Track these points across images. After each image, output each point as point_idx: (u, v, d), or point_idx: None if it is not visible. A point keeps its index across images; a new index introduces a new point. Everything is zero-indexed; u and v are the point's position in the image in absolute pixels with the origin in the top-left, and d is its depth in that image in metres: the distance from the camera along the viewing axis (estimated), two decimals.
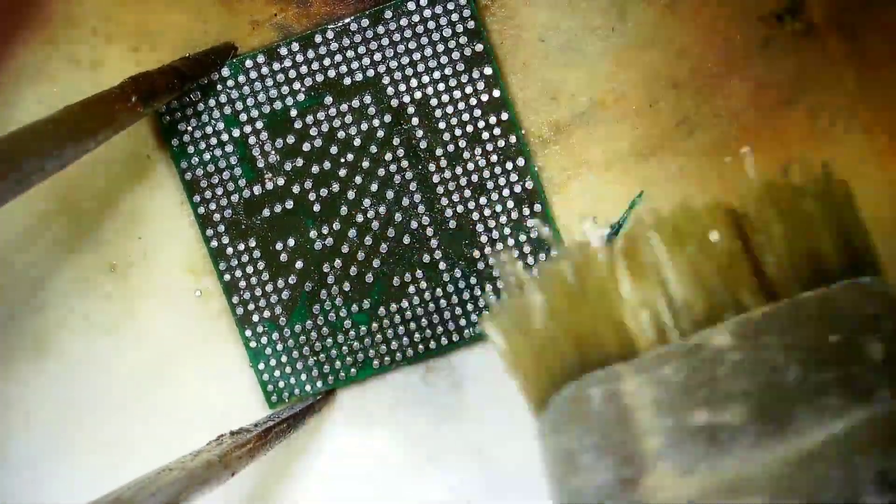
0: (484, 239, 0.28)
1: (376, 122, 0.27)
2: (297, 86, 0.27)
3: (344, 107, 0.27)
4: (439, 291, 0.28)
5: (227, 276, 0.28)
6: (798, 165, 0.20)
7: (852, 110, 0.27)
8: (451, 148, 0.28)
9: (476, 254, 0.28)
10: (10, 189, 0.20)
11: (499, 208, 0.28)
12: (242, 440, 0.25)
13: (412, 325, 0.28)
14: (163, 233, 0.28)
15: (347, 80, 0.27)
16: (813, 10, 0.27)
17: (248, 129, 0.28)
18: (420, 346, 0.28)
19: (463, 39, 0.27)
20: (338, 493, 0.29)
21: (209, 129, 0.28)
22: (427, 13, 0.27)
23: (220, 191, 0.28)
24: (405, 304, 0.28)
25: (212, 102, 0.27)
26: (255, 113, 0.27)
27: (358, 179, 0.28)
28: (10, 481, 0.28)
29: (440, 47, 0.27)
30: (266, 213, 0.28)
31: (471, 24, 0.27)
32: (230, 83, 0.27)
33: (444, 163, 0.28)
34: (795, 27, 0.27)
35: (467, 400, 0.28)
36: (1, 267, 0.28)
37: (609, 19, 0.27)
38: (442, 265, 0.28)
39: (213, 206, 0.28)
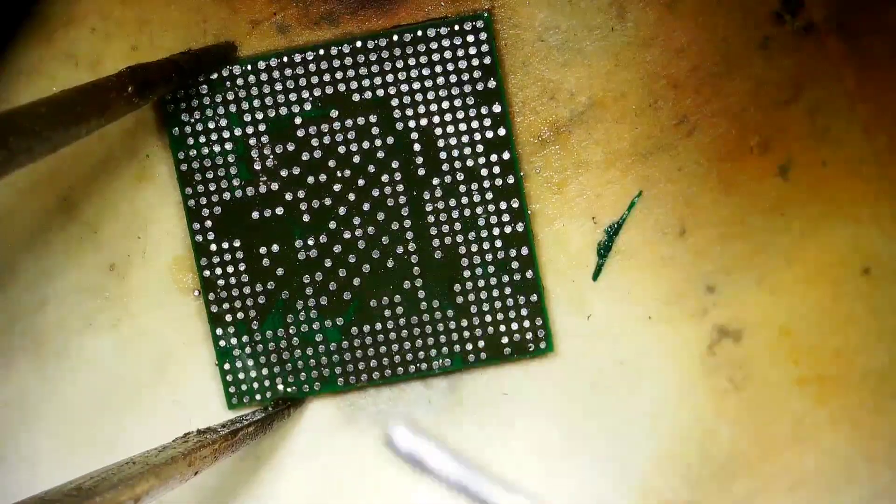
0: (467, 274, 0.28)
1: (378, 143, 0.27)
2: (305, 94, 0.27)
3: (349, 122, 0.27)
4: (414, 319, 0.28)
5: (206, 273, 0.28)
6: None
7: (852, 109, 0.27)
8: (448, 179, 0.27)
9: (457, 287, 0.28)
10: None
11: (486, 246, 0.27)
12: (209, 440, 0.24)
13: (382, 349, 0.28)
14: (162, 232, 0.28)
15: (356, 97, 0.27)
16: (813, 9, 0.27)
17: (250, 129, 0.27)
18: (387, 371, 0.28)
19: (477, 74, 0.27)
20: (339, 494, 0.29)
21: (211, 125, 0.27)
22: (446, 42, 0.27)
23: (212, 186, 0.27)
24: (378, 326, 0.28)
25: (218, 98, 0.27)
26: (259, 115, 0.27)
27: (351, 196, 0.27)
28: (10, 480, 0.28)
29: (453, 78, 0.27)
30: (255, 215, 0.28)
31: (487, 60, 0.27)
32: (240, 82, 0.27)
33: (438, 193, 0.27)
34: (795, 27, 0.27)
35: (466, 401, 0.28)
36: (1, 267, 0.28)
37: (608, 19, 0.27)
38: (421, 293, 0.28)
39: (203, 201, 0.28)
